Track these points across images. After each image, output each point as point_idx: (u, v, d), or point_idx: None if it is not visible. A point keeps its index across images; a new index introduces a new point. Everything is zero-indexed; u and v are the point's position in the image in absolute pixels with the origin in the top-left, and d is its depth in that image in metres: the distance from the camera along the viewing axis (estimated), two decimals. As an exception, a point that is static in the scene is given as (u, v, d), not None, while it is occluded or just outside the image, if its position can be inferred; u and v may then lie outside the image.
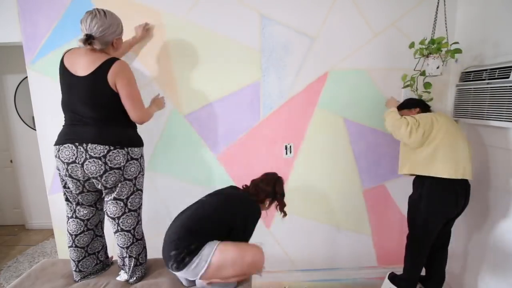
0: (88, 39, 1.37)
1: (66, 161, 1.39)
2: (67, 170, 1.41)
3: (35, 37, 1.93)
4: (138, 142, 1.54)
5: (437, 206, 1.65)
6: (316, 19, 1.96)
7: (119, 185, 1.45)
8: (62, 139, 1.41)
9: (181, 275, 1.42)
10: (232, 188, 1.71)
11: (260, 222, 2.19)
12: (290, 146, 2.09)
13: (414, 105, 1.81)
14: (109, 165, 1.39)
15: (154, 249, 2.19)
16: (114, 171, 1.41)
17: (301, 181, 2.15)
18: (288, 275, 2.27)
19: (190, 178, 2.13)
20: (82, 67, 1.39)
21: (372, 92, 2.05)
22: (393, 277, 1.93)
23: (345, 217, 2.22)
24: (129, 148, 1.45)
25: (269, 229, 2.21)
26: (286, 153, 2.10)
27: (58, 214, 2.15)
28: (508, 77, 1.53)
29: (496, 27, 1.71)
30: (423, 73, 1.76)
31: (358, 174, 2.16)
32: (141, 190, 1.57)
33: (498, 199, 1.71)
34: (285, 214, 1.68)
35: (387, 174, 2.16)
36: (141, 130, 2.07)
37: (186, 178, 2.13)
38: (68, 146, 1.38)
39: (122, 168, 1.42)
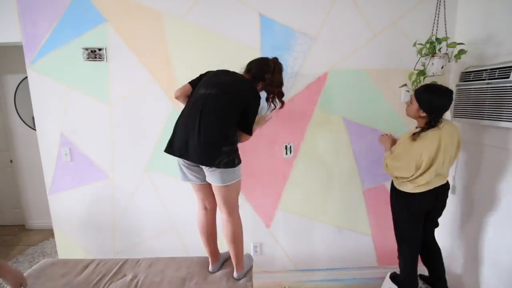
0: None
1: None
2: None
3: (35, 37, 1.93)
4: None
5: (404, 203, 1.72)
6: (316, 19, 1.96)
7: None
8: None
9: (215, 174, 1.47)
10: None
11: (260, 222, 2.20)
12: (290, 146, 2.09)
13: (425, 109, 1.57)
14: None
15: (155, 248, 2.20)
16: None
17: (301, 181, 2.15)
18: (288, 275, 2.27)
19: (190, 178, 2.12)
20: None
21: (372, 92, 2.05)
22: (394, 277, 1.94)
23: (345, 217, 2.22)
24: None
25: (269, 229, 2.21)
26: (286, 153, 2.10)
27: (58, 214, 2.15)
28: (508, 77, 1.53)
29: (496, 27, 1.70)
30: (422, 73, 1.76)
31: (358, 174, 2.16)
32: None
33: (497, 199, 1.71)
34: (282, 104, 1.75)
35: (387, 174, 2.13)
36: (141, 129, 2.08)
37: (186, 178, 2.12)
38: None
39: None
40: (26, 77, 1.99)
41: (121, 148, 2.08)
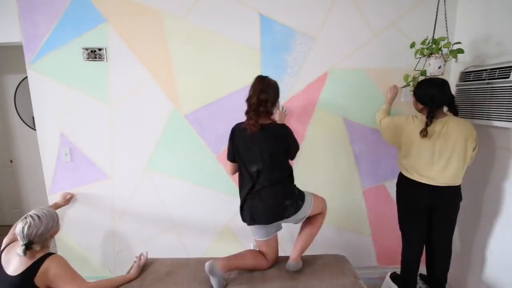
0: (28, 246, 1.36)
1: None
2: None
3: (35, 37, 1.93)
4: None
5: (402, 194, 1.77)
6: (316, 19, 1.96)
7: None
8: None
9: (287, 221, 1.67)
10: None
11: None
12: (290, 146, 2.09)
13: (421, 100, 1.63)
14: None
15: (155, 248, 2.19)
16: None
17: (301, 181, 2.14)
18: (288, 275, 2.27)
19: (190, 178, 2.13)
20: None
21: (372, 92, 2.05)
22: (394, 277, 1.94)
23: (345, 217, 2.22)
24: None
25: (269, 229, 2.21)
26: (286, 153, 2.10)
27: (58, 214, 2.15)
28: (508, 77, 1.53)
29: (496, 27, 1.71)
30: (423, 73, 1.77)
31: (358, 174, 2.16)
32: None
33: (498, 199, 1.71)
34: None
35: (387, 174, 2.16)
36: (141, 129, 2.08)
37: (186, 178, 2.13)
38: None
39: None
40: (26, 77, 1.99)
41: (121, 148, 2.08)
